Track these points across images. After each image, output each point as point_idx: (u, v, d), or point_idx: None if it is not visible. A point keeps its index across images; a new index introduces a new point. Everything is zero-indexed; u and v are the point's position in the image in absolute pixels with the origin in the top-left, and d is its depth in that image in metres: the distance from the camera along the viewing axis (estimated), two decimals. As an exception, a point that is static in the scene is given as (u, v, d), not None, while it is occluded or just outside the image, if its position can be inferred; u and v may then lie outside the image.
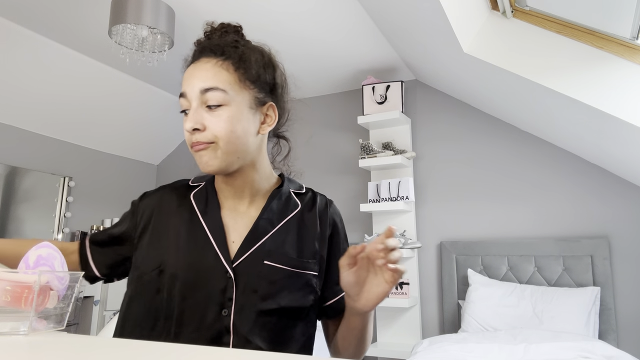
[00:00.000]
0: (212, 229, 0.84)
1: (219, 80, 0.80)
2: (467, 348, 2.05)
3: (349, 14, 2.48)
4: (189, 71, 0.83)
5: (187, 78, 0.83)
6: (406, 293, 2.81)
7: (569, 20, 2.05)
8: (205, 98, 0.80)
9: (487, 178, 2.97)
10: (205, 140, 0.79)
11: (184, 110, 0.82)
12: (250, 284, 0.80)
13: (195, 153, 0.81)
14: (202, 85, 0.80)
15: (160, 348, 0.53)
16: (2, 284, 0.55)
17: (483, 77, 2.48)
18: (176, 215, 0.87)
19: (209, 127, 0.79)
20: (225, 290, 0.79)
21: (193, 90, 0.80)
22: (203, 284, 0.79)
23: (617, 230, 2.60)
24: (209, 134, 0.79)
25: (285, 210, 0.89)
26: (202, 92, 0.80)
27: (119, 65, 3.11)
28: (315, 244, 0.88)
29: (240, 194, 0.88)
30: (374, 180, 3.16)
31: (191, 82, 0.81)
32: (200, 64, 0.82)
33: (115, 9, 2.21)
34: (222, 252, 0.81)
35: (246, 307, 0.78)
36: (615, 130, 2.08)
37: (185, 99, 0.81)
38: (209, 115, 0.80)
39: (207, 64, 0.82)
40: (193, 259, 0.81)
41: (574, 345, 1.99)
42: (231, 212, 0.87)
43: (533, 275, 2.66)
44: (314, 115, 3.58)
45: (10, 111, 2.99)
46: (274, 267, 0.82)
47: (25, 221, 3.14)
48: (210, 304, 0.78)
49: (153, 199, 0.91)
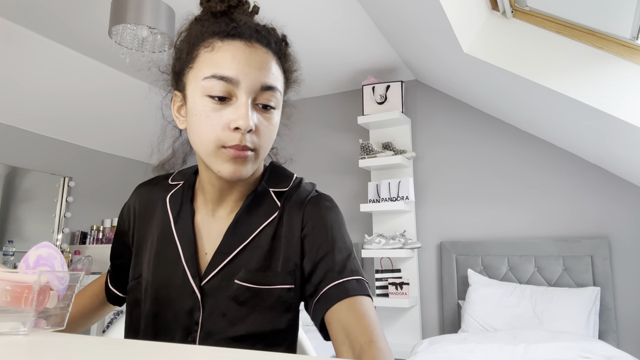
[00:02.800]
0: (182, 240, 0.75)
1: (278, 79, 0.70)
2: (467, 348, 2.05)
3: (349, 14, 2.48)
4: (241, 52, 0.66)
5: (238, 61, 0.66)
6: (406, 293, 2.81)
7: (568, 20, 2.05)
8: (263, 97, 0.68)
9: (487, 178, 2.97)
10: (252, 146, 0.67)
11: (221, 97, 0.66)
12: (218, 305, 0.71)
13: (229, 157, 0.67)
14: (265, 81, 0.67)
15: (160, 348, 0.53)
16: (2, 284, 0.55)
17: (483, 77, 2.48)
18: (152, 222, 0.80)
19: (261, 132, 0.68)
20: (192, 313, 0.71)
21: (253, 82, 0.66)
22: (172, 302, 0.72)
23: (617, 230, 2.60)
24: (257, 140, 0.68)
25: (262, 215, 0.75)
26: (263, 89, 0.67)
27: (119, 65, 3.11)
28: (291, 251, 0.74)
29: (226, 197, 0.76)
30: (374, 180, 3.16)
31: (249, 71, 0.66)
32: (256, 51, 0.68)
33: (115, 9, 2.21)
34: (189, 269, 0.72)
35: (213, 333, 0.70)
36: (615, 130, 2.08)
37: (234, 86, 0.66)
38: (262, 117, 0.68)
39: (266, 56, 0.69)
40: (162, 273, 0.74)
41: (574, 346, 1.99)
42: (208, 217, 0.77)
43: (533, 275, 2.66)
44: (314, 115, 3.58)
45: (10, 111, 2.99)
46: (243, 287, 0.71)
47: (25, 221, 3.14)
48: (177, 327, 0.71)
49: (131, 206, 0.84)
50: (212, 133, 0.66)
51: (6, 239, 2.95)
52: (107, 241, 3.29)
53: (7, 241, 2.92)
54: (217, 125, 0.66)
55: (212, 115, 0.66)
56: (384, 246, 2.85)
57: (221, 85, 0.65)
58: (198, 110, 0.67)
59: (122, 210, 0.86)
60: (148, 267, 0.76)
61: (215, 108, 0.66)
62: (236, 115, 0.65)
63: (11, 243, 2.88)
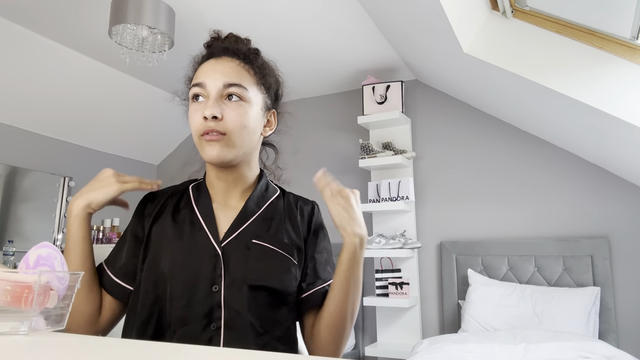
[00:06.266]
0: (203, 214, 0.89)
1: (242, 78, 0.87)
2: (467, 348, 2.05)
3: (349, 14, 2.48)
4: (211, 65, 0.88)
5: (207, 71, 0.87)
6: (406, 293, 2.81)
7: (568, 20, 2.05)
8: (227, 92, 0.85)
9: (487, 178, 2.97)
10: (220, 130, 0.83)
11: (196, 95, 0.86)
12: (239, 260, 0.83)
13: (205, 142, 0.84)
14: (226, 80, 0.85)
15: (160, 348, 0.53)
16: (2, 284, 0.55)
17: (483, 77, 2.48)
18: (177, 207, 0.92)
19: (226, 118, 0.83)
20: (215, 268, 0.82)
21: (215, 83, 0.85)
22: (193, 263, 0.82)
23: (617, 230, 2.60)
24: (225, 125, 0.83)
25: (266, 195, 0.95)
26: (225, 86, 0.85)
27: (119, 65, 3.11)
28: (295, 233, 0.92)
29: (232, 189, 0.92)
30: (374, 180, 3.16)
31: (213, 75, 0.86)
32: (223, 61, 0.88)
33: (115, 9, 2.21)
34: (212, 234, 0.85)
35: (236, 281, 0.81)
36: (615, 130, 2.08)
37: (203, 89, 0.85)
38: (228, 108, 0.84)
39: (231, 63, 0.88)
40: (184, 240, 0.85)
41: (574, 345, 1.99)
42: (221, 206, 0.91)
43: (533, 275, 2.66)
44: (314, 115, 3.58)
45: (10, 111, 2.99)
46: (261, 246, 0.86)
47: (25, 221, 3.14)
48: (200, 281, 0.81)
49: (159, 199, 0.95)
50: (194, 125, 0.86)
51: (6, 239, 2.95)
52: (107, 241, 3.28)
53: (7, 241, 2.92)
54: (196, 120, 0.85)
55: (194, 114, 0.86)
56: (384, 246, 2.85)
57: (195, 90, 0.86)
58: (189, 112, 0.88)
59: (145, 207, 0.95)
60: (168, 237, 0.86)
61: (195, 107, 0.86)
62: (205, 108, 0.83)
63: (11, 243, 2.88)
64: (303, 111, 3.57)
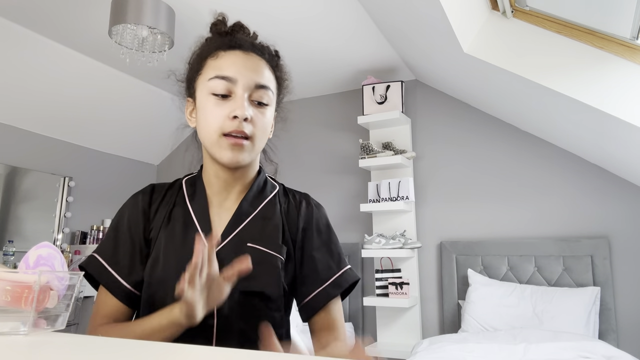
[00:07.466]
0: (198, 215, 0.85)
1: (269, 81, 0.84)
2: (467, 348, 2.05)
3: (349, 14, 2.48)
4: (240, 59, 0.81)
5: (238, 65, 0.80)
6: (406, 293, 2.81)
7: (568, 20, 2.05)
8: (257, 94, 0.81)
9: (487, 178, 2.97)
10: (247, 132, 0.79)
11: (223, 94, 0.79)
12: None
13: (228, 144, 0.79)
14: (259, 81, 0.81)
15: (160, 348, 0.53)
16: (2, 284, 0.55)
17: (483, 77, 2.48)
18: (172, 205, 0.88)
19: (255, 123, 0.80)
20: None
21: (248, 81, 0.80)
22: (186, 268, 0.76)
23: (617, 230, 2.60)
24: (251, 128, 0.80)
25: (264, 193, 0.90)
26: (257, 87, 0.81)
27: (119, 65, 3.11)
28: (292, 232, 0.88)
29: (230, 189, 0.87)
30: (374, 180, 3.16)
31: (245, 72, 0.80)
32: (253, 58, 0.83)
33: (115, 9, 2.21)
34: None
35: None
36: (615, 130, 2.08)
37: (233, 84, 0.79)
38: (257, 111, 0.81)
39: (261, 62, 0.84)
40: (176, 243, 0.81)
41: (574, 345, 1.99)
42: (217, 206, 0.87)
43: (533, 275, 2.66)
44: (314, 115, 3.58)
45: (10, 111, 2.99)
46: (256, 250, 0.81)
47: (25, 221, 3.14)
48: None
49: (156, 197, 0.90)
50: (215, 123, 0.79)
51: (6, 239, 2.95)
52: (107, 241, 3.28)
53: (7, 241, 2.92)
54: (220, 116, 0.79)
55: (216, 109, 0.79)
56: (384, 246, 2.85)
57: (222, 84, 0.79)
58: (205, 107, 0.81)
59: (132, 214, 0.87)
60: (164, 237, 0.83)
61: (218, 103, 0.80)
62: (235, 106, 0.78)
63: (11, 243, 2.88)
64: (303, 111, 3.57)
